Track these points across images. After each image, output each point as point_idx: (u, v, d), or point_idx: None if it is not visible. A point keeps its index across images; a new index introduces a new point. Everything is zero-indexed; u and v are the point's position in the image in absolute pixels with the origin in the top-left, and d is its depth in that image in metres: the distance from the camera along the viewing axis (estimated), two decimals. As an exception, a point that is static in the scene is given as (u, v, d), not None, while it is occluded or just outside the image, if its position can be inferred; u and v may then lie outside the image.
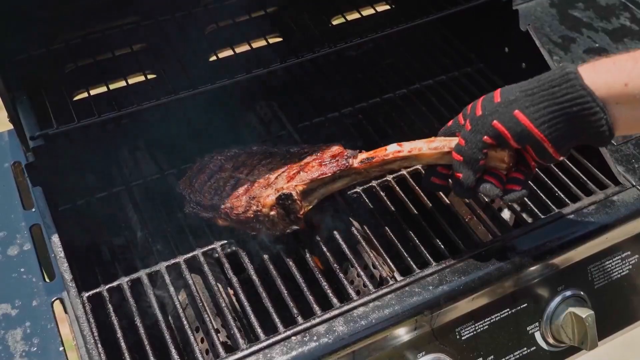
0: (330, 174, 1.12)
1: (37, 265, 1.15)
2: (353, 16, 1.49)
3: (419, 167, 1.28)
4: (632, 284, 1.24)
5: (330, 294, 1.09)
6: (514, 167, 1.05)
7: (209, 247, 1.18)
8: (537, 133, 0.96)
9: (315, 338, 1.03)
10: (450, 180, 1.10)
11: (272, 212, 1.11)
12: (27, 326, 1.07)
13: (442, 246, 1.16)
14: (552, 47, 1.55)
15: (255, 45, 1.39)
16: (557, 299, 1.18)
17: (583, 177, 1.27)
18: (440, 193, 1.27)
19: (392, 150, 1.12)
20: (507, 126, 0.97)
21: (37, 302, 1.10)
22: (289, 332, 1.03)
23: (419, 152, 1.10)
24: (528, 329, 1.17)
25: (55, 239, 1.08)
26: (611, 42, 1.57)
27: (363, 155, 1.14)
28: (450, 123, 1.10)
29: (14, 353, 1.03)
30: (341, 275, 1.12)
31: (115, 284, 1.12)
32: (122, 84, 1.30)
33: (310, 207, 1.13)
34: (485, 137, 1.00)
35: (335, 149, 1.17)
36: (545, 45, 1.52)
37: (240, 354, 1.01)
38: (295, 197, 1.10)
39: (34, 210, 1.21)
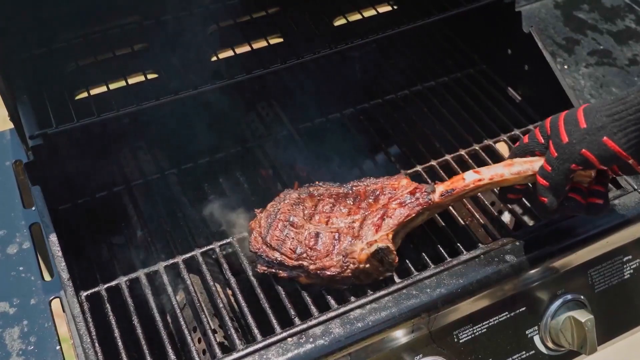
0: (414, 214, 1.10)
1: (36, 264, 1.15)
2: (355, 17, 1.49)
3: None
4: (633, 288, 1.23)
5: (327, 296, 1.09)
6: (593, 180, 1.05)
7: (208, 247, 1.18)
8: (626, 157, 0.96)
9: (311, 340, 1.02)
10: (531, 199, 1.10)
11: (367, 265, 1.08)
12: (24, 324, 1.07)
13: (441, 248, 1.16)
14: (556, 48, 1.54)
15: (256, 46, 1.39)
16: (557, 303, 1.17)
17: (584, 180, 1.26)
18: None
19: (471, 179, 1.09)
20: (596, 154, 0.97)
21: (35, 301, 1.10)
22: (285, 334, 1.03)
23: (500, 178, 1.08)
24: (527, 332, 1.17)
25: (53, 238, 1.09)
26: (616, 44, 1.56)
27: (441, 188, 1.11)
28: (526, 140, 1.08)
29: (11, 351, 1.03)
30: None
31: (113, 283, 1.12)
32: (123, 84, 1.30)
33: (398, 247, 1.11)
34: (573, 165, 0.99)
35: (406, 182, 1.14)
36: (549, 47, 1.51)
37: (236, 355, 1.01)
38: (392, 249, 1.07)
39: (34, 209, 1.22)
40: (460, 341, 1.12)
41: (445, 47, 1.59)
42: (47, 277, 1.14)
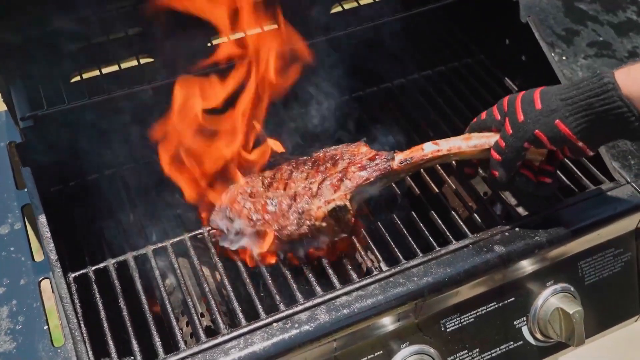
0: (373, 179, 1.12)
1: (26, 245, 1.16)
2: (351, 5, 1.48)
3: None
4: (624, 281, 1.23)
5: (314, 282, 1.09)
6: (545, 159, 1.10)
7: (197, 231, 1.19)
8: (575, 140, 1.01)
9: (296, 325, 1.02)
10: (483, 172, 1.17)
11: (324, 224, 1.10)
12: (13, 304, 1.08)
13: (431, 237, 1.15)
14: (555, 39, 1.53)
15: (250, 33, 1.38)
16: (546, 294, 1.16)
17: (578, 172, 1.25)
18: (432, 184, 1.27)
19: (430, 150, 1.13)
20: (548, 135, 1.02)
21: (24, 281, 1.11)
22: (270, 319, 1.03)
23: (458, 150, 1.12)
24: (515, 323, 1.16)
25: (43, 219, 1.09)
26: (616, 36, 1.54)
27: (400, 156, 1.14)
28: (484, 116, 1.13)
29: (-2, 330, 1.04)
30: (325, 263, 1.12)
31: (101, 265, 1.13)
32: (116, 68, 1.30)
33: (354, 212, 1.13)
34: (526, 143, 1.04)
35: (366, 150, 1.16)
36: (548, 38, 1.50)
37: (220, 339, 1.01)
38: (349, 207, 1.09)
39: (26, 190, 1.22)
40: (447, 330, 1.12)
41: (442, 35, 1.58)
42: (40, 258, 1.14)
